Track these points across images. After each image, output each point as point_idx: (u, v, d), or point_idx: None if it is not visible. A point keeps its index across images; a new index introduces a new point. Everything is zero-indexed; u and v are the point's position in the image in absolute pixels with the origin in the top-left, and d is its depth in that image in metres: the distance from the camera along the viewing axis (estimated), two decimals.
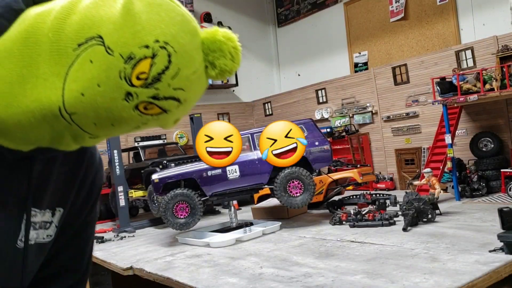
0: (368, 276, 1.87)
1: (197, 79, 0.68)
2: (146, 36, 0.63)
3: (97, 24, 0.63)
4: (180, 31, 0.66)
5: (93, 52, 0.62)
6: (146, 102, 0.64)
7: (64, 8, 0.66)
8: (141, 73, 0.63)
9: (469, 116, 4.27)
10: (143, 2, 0.65)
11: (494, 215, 2.56)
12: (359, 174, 3.90)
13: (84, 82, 0.63)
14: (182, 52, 0.65)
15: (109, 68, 0.62)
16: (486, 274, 1.76)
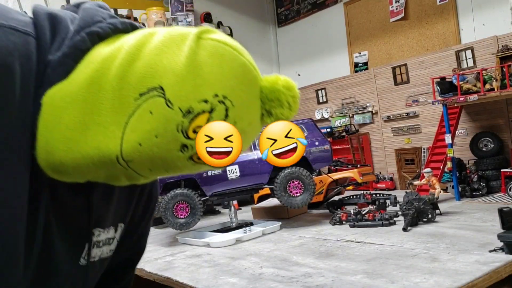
0: (368, 276, 1.87)
1: (252, 130, 0.69)
2: (206, 90, 0.63)
3: (159, 74, 0.63)
4: (239, 83, 0.66)
5: (154, 103, 0.63)
6: None
7: (129, 54, 0.65)
8: (198, 127, 0.63)
9: (469, 116, 4.27)
10: (206, 51, 0.65)
11: (494, 215, 2.56)
12: (359, 174, 3.90)
13: (143, 133, 0.63)
14: (239, 105, 0.65)
15: (168, 121, 0.63)
16: (486, 274, 1.76)
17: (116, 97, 0.64)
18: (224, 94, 0.64)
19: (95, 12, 0.72)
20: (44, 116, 0.64)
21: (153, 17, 5.38)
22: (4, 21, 0.64)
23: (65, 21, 0.71)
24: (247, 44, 6.13)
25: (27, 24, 0.68)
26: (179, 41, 0.66)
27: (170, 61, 0.64)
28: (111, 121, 0.64)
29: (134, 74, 0.64)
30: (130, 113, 0.63)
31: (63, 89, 0.65)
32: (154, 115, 0.63)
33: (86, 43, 0.68)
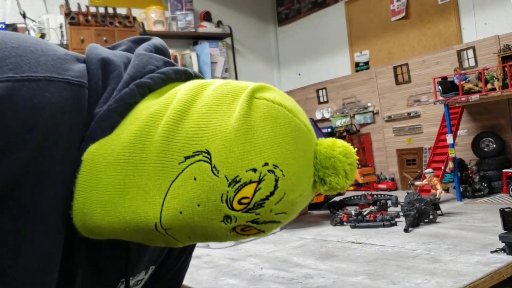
0: (369, 277, 1.86)
1: (304, 199, 0.64)
2: (255, 158, 0.58)
3: (207, 136, 0.59)
4: (292, 150, 0.60)
5: (198, 168, 0.58)
6: (244, 225, 0.61)
7: (177, 112, 0.61)
8: (244, 198, 0.59)
9: (470, 116, 4.25)
10: (259, 113, 0.60)
11: (496, 215, 2.54)
12: (360, 175, 3.89)
13: (185, 200, 0.59)
14: (290, 175, 0.60)
15: (212, 190, 0.58)
16: (487, 275, 1.75)
17: (160, 159, 0.60)
18: (275, 162, 0.58)
19: (148, 60, 0.69)
20: (83, 174, 0.61)
21: (152, 16, 5.36)
22: (58, 74, 0.62)
23: (119, 69, 0.67)
24: (247, 44, 6.15)
25: (81, 73, 0.65)
26: (230, 99, 0.61)
27: (220, 121, 0.59)
28: (152, 185, 0.59)
29: (181, 134, 0.60)
30: (173, 178, 0.59)
31: (105, 146, 0.61)
32: (198, 182, 0.58)
33: (135, 96, 0.65)
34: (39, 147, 0.58)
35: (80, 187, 0.61)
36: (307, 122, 0.66)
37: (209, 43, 5.69)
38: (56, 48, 0.67)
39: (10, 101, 0.56)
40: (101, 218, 0.61)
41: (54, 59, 0.63)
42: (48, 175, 0.59)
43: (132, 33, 5.11)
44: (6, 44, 0.61)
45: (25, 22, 4.67)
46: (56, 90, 0.60)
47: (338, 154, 0.64)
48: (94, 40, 4.88)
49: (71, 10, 4.91)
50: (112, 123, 0.63)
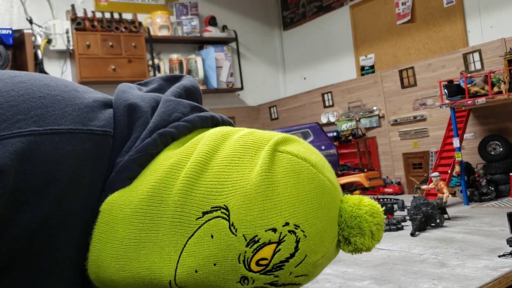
0: (376, 282, 1.84)
1: (326, 260, 0.61)
2: (275, 216, 0.55)
3: (226, 191, 0.56)
4: (315, 209, 0.57)
5: (216, 225, 0.56)
6: (262, 287, 0.57)
7: (197, 164, 0.59)
8: (262, 259, 0.55)
9: (477, 119, 4.23)
10: (281, 169, 0.57)
11: (503, 219, 2.52)
12: (366, 179, 3.87)
13: (201, 258, 0.56)
14: (312, 236, 0.57)
15: (229, 249, 0.55)
16: (495, 280, 1.73)
17: (177, 213, 0.57)
18: (296, 222, 0.55)
19: (175, 107, 0.67)
20: (100, 226, 0.60)
21: (158, 21, 5.38)
22: (83, 126, 0.61)
23: (145, 115, 0.66)
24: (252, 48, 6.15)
25: (107, 121, 0.64)
26: (253, 151, 0.59)
27: (240, 176, 0.56)
28: (168, 241, 0.57)
29: (200, 188, 0.57)
30: (190, 234, 0.56)
31: (124, 197, 0.60)
32: (215, 240, 0.55)
33: (157, 147, 0.63)
34: (58, 201, 0.57)
35: (96, 239, 0.60)
36: (332, 177, 0.62)
37: (214, 48, 5.70)
38: (84, 94, 0.66)
39: (31, 156, 0.56)
40: (116, 272, 0.59)
41: (81, 108, 0.63)
42: (66, 227, 0.59)
43: (137, 38, 5.12)
44: (34, 93, 0.60)
45: (31, 27, 4.70)
46: (78, 142, 0.59)
47: (365, 214, 0.61)
48: (100, 45, 4.90)
49: (77, 15, 4.94)
50: (132, 174, 0.62)
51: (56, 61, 4.99)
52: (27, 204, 0.56)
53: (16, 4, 4.80)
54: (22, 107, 0.58)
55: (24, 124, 0.57)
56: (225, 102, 5.96)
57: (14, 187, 0.55)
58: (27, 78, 0.64)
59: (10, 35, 4.46)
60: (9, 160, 0.55)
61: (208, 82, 5.70)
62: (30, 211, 0.56)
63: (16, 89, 0.60)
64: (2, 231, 0.56)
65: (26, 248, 0.57)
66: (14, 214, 0.56)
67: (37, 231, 0.57)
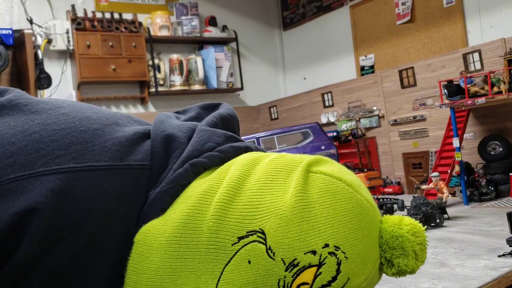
0: None
1: (369, 284, 0.58)
2: (314, 238, 0.52)
3: (261, 214, 0.54)
4: (355, 230, 0.55)
5: (253, 250, 0.53)
6: None
7: (229, 188, 0.57)
8: (303, 284, 0.53)
9: (477, 119, 4.23)
10: (316, 189, 0.55)
11: (503, 219, 2.53)
12: (366, 179, 3.87)
13: (239, 286, 0.53)
14: (354, 258, 0.54)
15: (268, 274, 0.52)
16: (495, 279, 1.74)
17: (212, 240, 0.55)
18: (337, 243, 0.53)
19: (208, 137, 0.66)
20: (134, 257, 0.58)
21: (158, 21, 5.38)
22: (121, 161, 0.60)
23: (182, 146, 0.65)
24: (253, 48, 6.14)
25: (145, 154, 0.63)
26: (285, 173, 0.57)
27: (274, 199, 0.55)
28: (204, 269, 0.55)
29: (234, 213, 0.55)
30: (226, 261, 0.54)
31: (157, 227, 0.58)
32: (253, 266, 0.53)
33: (189, 177, 0.62)
34: (92, 237, 0.57)
35: (130, 270, 0.59)
36: (369, 197, 0.60)
37: (214, 48, 5.70)
38: (125, 128, 0.65)
39: (68, 193, 0.56)
40: None
41: (122, 141, 0.62)
42: (98, 262, 0.58)
43: (137, 38, 5.13)
44: (76, 127, 0.60)
45: (32, 28, 4.70)
46: (115, 178, 0.59)
47: (406, 233, 0.58)
48: (100, 45, 4.90)
49: (77, 15, 4.94)
50: (164, 205, 0.61)
51: (56, 61, 4.99)
52: (61, 241, 0.56)
53: (16, 4, 4.80)
54: (62, 142, 0.58)
55: (63, 161, 0.57)
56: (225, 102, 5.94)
57: (50, 224, 0.55)
58: (70, 109, 0.64)
59: (10, 35, 4.46)
60: (45, 198, 0.54)
61: (208, 82, 5.70)
62: (64, 247, 0.56)
63: (58, 122, 0.60)
64: (35, 265, 0.55)
65: (57, 283, 0.57)
66: (47, 250, 0.56)
67: (70, 266, 0.57)
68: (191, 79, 5.58)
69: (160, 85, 5.42)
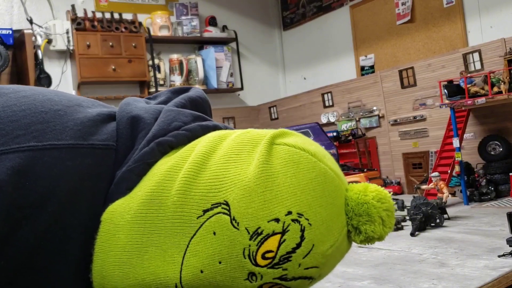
0: (375, 282, 1.85)
1: (336, 251, 0.58)
2: (277, 206, 0.53)
3: (225, 187, 0.55)
4: (318, 197, 0.55)
5: (217, 222, 0.54)
6: (271, 283, 0.55)
7: (194, 164, 0.58)
8: (268, 252, 0.53)
9: (477, 120, 4.23)
10: (279, 160, 0.56)
11: (503, 219, 2.53)
12: (366, 179, 3.88)
13: (205, 258, 0.55)
14: (318, 225, 0.54)
15: (233, 244, 0.54)
16: (495, 280, 1.74)
17: (177, 214, 0.56)
18: (299, 211, 0.53)
19: (175, 116, 0.66)
20: (102, 235, 0.59)
21: (158, 21, 5.38)
22: (84, 140, 0.60)
23: (148, 127, 0.65)
24: (253, 48, 6.13)
25: (109, 134, 0.64)
26: (250, 147, 0.57)
27: (239, 171, 0.55)
28: (171, 243, 0.56)
29: (199, 187, 0.56)
30: (192, 234, 0.55)
31: (123, 205, 0.59)
32: (218, 236, 0.54)
33: (155, 156, 0.62)
34: (57, 216, 0.57)
35: (98, 248, 0.59)
36: (334, 167, 0.61)
37: (214, 48, 5.70)
38: (88, 109, 0.65)
39: (30, 172, 0.55)
40: (120, 281, 0.58)
41: (84, 122, 0.62)
42: (67, 242, 0.59)
43: (137, 38, 5.13)
44: (36, 108, 0.60)
45: (32, 28, 4.70)
46: (79, 157, 0.59)
47: (372, 200, 0.59)
48: (100, 45, 4.91)
49: (77, 15, 4.94)
50: (130, 184, 0.61)
51: (56, 61, 4.99)
52: (25, 220, 0.56)
53: (16, 4, 4.80)
54: (22, 122, 0.58)
55: (24, 140, 0.57)
56: (225, 102, 5.96)
57: (11, 202, 0.55)
58: (31, 93, 0.64)
59: (10, 35, 4.46)
60: (6, 176, 0.54)
61: (208, 82, 5.70)
62: (29, 227, 0.56)
63: (18, 104, 0.60)
64: (2, 247, 0.56)
65: (26, 264, 0.57)
66: (12, 230, 0.55)
67: (37, 247, 0.57)
68: (191, 79, 5.58)
69: (160, 85, 5.42)
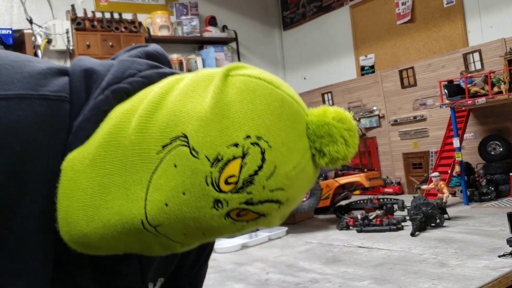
0: (375, 282, 1.85)
1: (301, 173, 0.58)
2: (235, 132, 0.54)
3: (182, 121, 0.55)
4: (276, 121, 0.56)
5: (177, 154, 0.55)
6: (238, 209, 0.55)
7: (151, 103, 0.58)
8: (230, 177, 0.54)
9: (477, 120, 4.23)
10: (235, 90, 0.56)
11: (503, 219, 2.53)
12: (366, 179, 3.87)
13: (168, 190, 0.55)
14: (278, 146, 0.55)
15: (194, 173, 0.54)
16: (495, 280, 1.74)
17: (136, 153, 0.56)
18: (258, 134, 0.54)
19: (129, 65, 0.65)
20: (64, 183, 0.58)
21: (158, 21, 5.38)
22: (34, 91, 0.59)
23: (102, 78, 0.64)
24: (253, 48, 6.13)
25: (62, 86, 0.62)
26: (206, 82, 0.58)
27: (195, 104, 0.56)
28: (132, 180, 0.56)
29: (156, 124, 0.56)
30: (153, 169, 0.56)
31: (82, 151, 0.59)
32: (179, 168, 0.54)
33: (110, 103, 0.61)
34: (14, 168, 0.56)
35: (61, 196, 0.59)
36: (292, 93, 0.61)
37: (214, 48, 5.70)
38: (37, 64, 0.64)
39: None
40: (86, 225, 0.58)
41: (32, 75, 0.61)
42: (27, 194, 0.58)
43: (137, 38, 5.12)
44: None
45: (31, 28, 4.70)
46: (29, 107, 0.58)
47: (332, 120, 0.59)
48: (100, 45, 4.91)
49: (77, 15, 4.94)
50: (88, 132, 0.60)
51: (56, 61, 4.99)
52: None
53: (16, 4, 4.80)
54: None
55: None
56: None
57: None
58: None
59: (10, 35, 4.46)
60: None
61: None
62: None
63: None
64: None
65: None
66: None
67: None
68: None
69: None
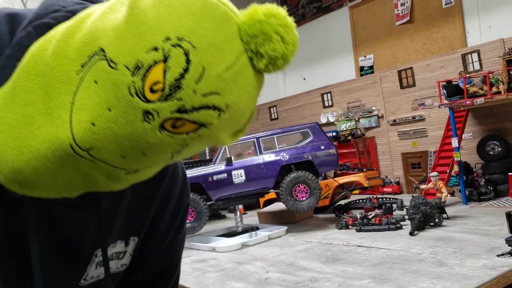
0: (375, 281, 1.86)
1: (236, 75, 0.54)
2: (152, 36, 0.50)
3: (99, 36, 0.52)
4: (199, 20, 0.52)
5: (96, 70, 0.52)
6: (172, 119, 0.51)
7: (68, 28, 0.56)
8: (155, 84, 0.50)
9: (476, 120, 4.25)
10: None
11: (502, 219, 2.54)
12: (365, 178, 3.89)
13: (92, 109, 0.52)
14: (204, 46, 0.51)
15: (116, 86, 0.51)
16: (494, 279, 1.75)
17: (55, 76, 0.54)
18: (179, 35, 0.50)
19: (53, 2, 0.63)
20: None
21: None
22: None
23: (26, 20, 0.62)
24: None
25: None
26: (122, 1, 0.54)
27: (111, 19, 0.53)
28: (55, 105, 0.53)
29: (73, 45, 0.54)
30: (75, 90, 0.53)
31: (5, 87, 0.57)
32: (100, 84, 0.51)
33: (32, 38, 0.58)
34: None
35: None
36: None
37: None
38: None
39: None
40: (17, 159, 0.55)
41: None
42: None
43: None
44: None
45: None
46: None
47: (263, 16, 0.54)
48: None
49: None
50: (12, 70, 0.57)
51: None
52: None
53: (17, 5, 4.81)
54: None
55: None
56: None
57: None
58: None
59: None
60: None
61: None
62: None
63: None
64: None
65: None
66: None
67: None
68: None
69: None
